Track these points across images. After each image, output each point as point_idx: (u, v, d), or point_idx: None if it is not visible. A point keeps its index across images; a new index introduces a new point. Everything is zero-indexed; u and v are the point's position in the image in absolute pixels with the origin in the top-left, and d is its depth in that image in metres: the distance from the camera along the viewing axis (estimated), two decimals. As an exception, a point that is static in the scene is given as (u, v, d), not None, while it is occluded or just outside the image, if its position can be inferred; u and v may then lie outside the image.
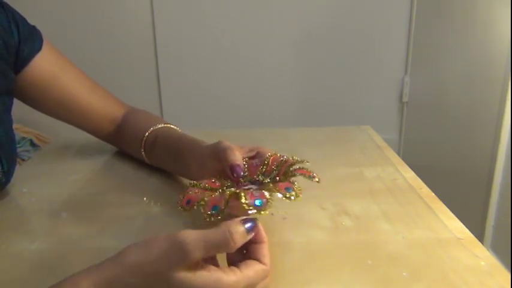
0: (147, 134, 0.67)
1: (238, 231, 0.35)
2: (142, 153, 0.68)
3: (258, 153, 0.55)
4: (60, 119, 0.71)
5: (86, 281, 0.34)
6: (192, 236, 0.34)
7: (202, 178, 0.55)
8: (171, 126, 0.69)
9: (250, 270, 0.36)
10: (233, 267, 0.36)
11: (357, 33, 2.12)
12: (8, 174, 0.63)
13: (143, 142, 0.68)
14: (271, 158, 0.51)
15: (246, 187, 0.47)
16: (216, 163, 0.52)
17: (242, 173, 0.49)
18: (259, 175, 0.50)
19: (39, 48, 0.65)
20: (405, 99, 2.20)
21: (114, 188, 0.66)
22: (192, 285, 0.33)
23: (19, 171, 0.73)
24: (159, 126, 0.68)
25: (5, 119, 0.62)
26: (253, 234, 0.37)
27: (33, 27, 0.66)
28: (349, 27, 2.11)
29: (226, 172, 0.49)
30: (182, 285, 0.33)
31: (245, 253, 0.38)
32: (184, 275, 0.33)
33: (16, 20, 0.63)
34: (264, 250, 0.38)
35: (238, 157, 0.49)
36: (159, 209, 0.58)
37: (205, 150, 0.55)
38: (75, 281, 0.34)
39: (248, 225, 0.36)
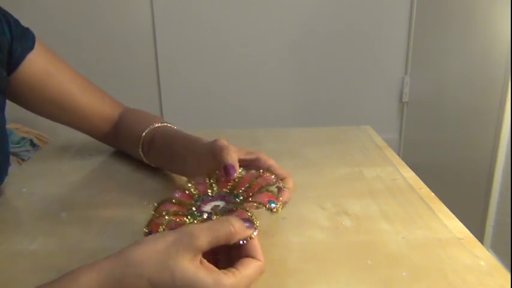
0: (144, 133, 0.67)
1: (238, 223, 0.37)
2: (140, 153, 0.68)
3: (257, 158, 0.53)
4: (55, 120, 0.71)
5: (87, 276, 0.34)
6: (197, 226, 0.36)
7: (200, 176, 0.56)
8: (169, 125, 0.69)
9: (249, 268, 0.37)
10: (232, 269, 0.36)
11: (357, 33, 2.12)
12: (1, 173, 0.62)
13: (141, 142, 0.67)
14: (244, 176, 0.48)
15: (212, 203, 0.45)
16: (213, 161, 0.51)
17: (236, 175, 0.47)
18: (226, 192, 0.47)
19: (32, 47, 0.65)
20: (405, 99, 2.20)
21: (114, 188, 0.66)
22: (193, 279, 0.34)
23: (19, 171, 0.73)
24: (157, 125, 0.67)
25: None
26: (251, 231, 0.38)
27: (26, 28, 0.66)
28: (349, 27, 2.11)
29: (220, 171, 0.49)
30: (185, 276, 0.34)
31: (237, 253, 0.39)
32: (188, 266, 0.34)
33: (8, 19, 0.63)
34: (256, 246, 0.39)
35: (233, 158, 0.49)
36: (159, 209, 0.58)
37: (203, 148, 0.54)
38: (73, 276, 0.34)
39: (247, 223, 0.38)
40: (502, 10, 1.39)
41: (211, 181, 0.49)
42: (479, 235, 1.49)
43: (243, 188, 0.46)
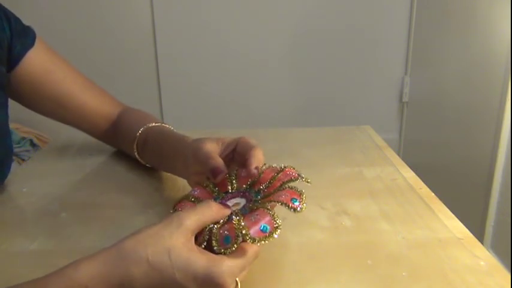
0: (138, 133, 0.67)
1: (215, 206, 0.40)
2: (135, 153, 0.68)
3: (238, 144, 0.52)
4: (55, 118, 0.71)
5: (88, 265, 0.35)
6: (185, 211, 0.39)
7: (188, 177, 0.56)
8: (163, 125, 0.69)
9: (249, 251, 0.39)
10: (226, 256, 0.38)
11: (357, 33, 2.12)
12: (2, 167, 0.62)
13: (135, 142, 0.67)
14: (265, 171, 0.48)
15: (233, 200, 0.46)
16: (198, 165, 0.51)
17: (220, 176, 0.47)
18: (246, 188, 0.47)
19: (32, 44, 0.65)
20: (405, 99, 2.20)
21: (114, 188, 0.66)
22: (188, 260, 0.36)
23: (19, 171, 0.73)
24: (150, 125, 0.67)
25: None
26: (228, 211, 0.42)
27: (28, 26, 0.66)
28: (349, 27, 2.11)
29: (209, 177, 0.49)
30: (180, 257, 0.36)
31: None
32: (182, 248, 0.36)
33: (8, 16, 0.63)
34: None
35: (218, 161, 0.49)
36: (159, 209, 0.58)
37: (188, 150, 0.54)
38: (75, 266, 0.36)
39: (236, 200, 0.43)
40: (502, 10, 1.39)
41: (232, 178, 0.49)
42: (479, 235, 1.49)
43: (264, 184, 0.46)
